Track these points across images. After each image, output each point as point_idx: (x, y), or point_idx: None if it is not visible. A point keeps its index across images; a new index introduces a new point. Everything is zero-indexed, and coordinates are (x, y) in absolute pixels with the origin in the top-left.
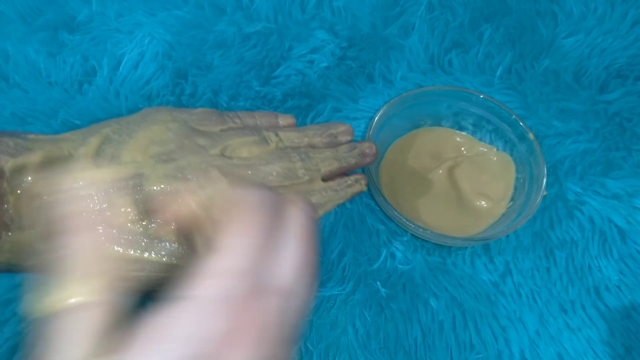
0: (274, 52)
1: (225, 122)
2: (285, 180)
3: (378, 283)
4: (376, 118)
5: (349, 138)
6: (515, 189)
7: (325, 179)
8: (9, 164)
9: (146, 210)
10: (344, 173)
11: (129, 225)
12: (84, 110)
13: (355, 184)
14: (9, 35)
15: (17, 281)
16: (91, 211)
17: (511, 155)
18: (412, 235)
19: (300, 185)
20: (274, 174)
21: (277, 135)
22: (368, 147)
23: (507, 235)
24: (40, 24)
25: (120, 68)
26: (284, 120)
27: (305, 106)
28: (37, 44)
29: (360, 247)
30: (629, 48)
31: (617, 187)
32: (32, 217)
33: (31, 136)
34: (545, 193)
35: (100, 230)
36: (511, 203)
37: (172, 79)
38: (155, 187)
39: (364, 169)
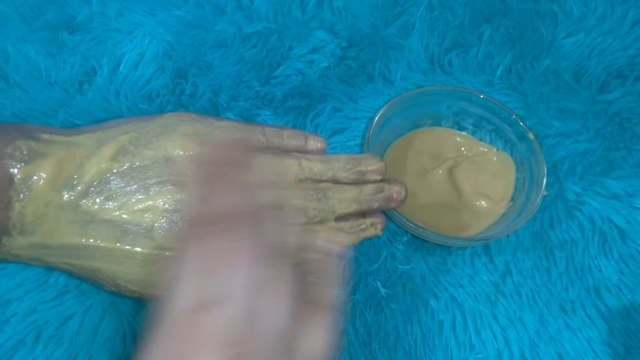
0: (274, 52)
1: (249, 141)
2: (294, 219)
3: (378, 283)
4: (376, 118)
5: (378, 177)
6: (515, 189)
7: (340, 218)
8: (19, 172)
9: None
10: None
11: None
12: (84, 110)
13: (370, 228)
14: (9, 35)
15: (17, 281)
16: None
17: (511, 155)
18: (412, 235)
19: (309, 224)
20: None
21: (299, 164)
22: (397, 192)
23: (507, 235)
24: (40, 24)
25: (120, 68)
26: (314, 144)
27: (305, 106)
28: (37, 44)
29: (360, 247)
30: (629, 48)
31: (617, 187)
32: (35, 224)
33: (46, 137)
34: (545, 193)
35: None
36: (511, 203)
37: (172, 79)
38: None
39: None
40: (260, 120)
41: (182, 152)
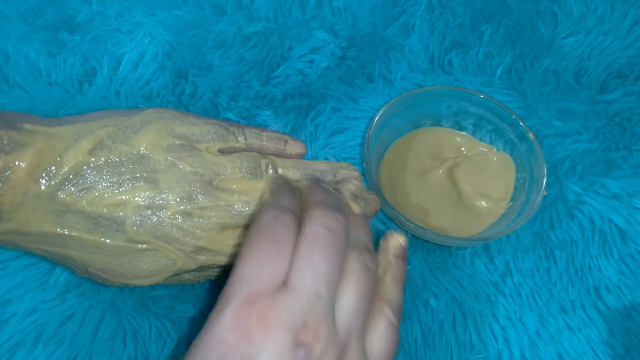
0: (274, 52)
1: (227, 140)
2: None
3: None
4: (376, 118)
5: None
6: (515, 189)
7: None
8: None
9: None
10: None
11: None
12: (84, 110)
13: None
14: (9, 35)
15: (17, 281)
16: None
17: (511, 155)
18: (412, 235)
19: None
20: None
21: (275, 170)
22: (374, 200)
23: (507, 235)
24: (40, 24)
25: (120, 68)
26: (293, 148)
27: (305, 106)
28: (37, 44)
29: None
30: (629, 48)
31: (617, 187)
32: (12, 212)
33: (27, 126)
34: (545, 193)
35: None
36: (511, 203)
37: (172, 79)
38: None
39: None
40: (261, 120)
41: (155, 148)
